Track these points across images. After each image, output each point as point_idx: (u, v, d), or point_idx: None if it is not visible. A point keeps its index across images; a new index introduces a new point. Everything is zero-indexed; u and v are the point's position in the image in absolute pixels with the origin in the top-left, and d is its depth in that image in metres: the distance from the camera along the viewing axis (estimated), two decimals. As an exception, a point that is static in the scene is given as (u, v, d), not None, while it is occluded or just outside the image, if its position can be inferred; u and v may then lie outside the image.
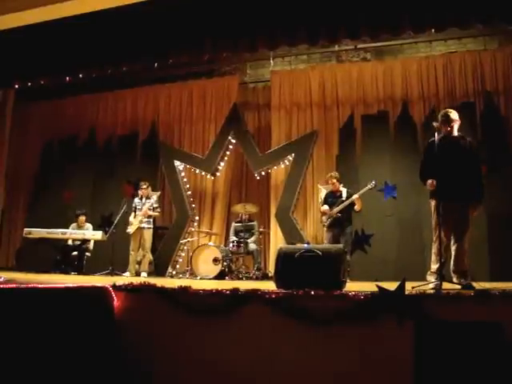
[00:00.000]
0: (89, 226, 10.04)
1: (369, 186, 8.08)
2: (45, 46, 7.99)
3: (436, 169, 5.08)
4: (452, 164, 5.07)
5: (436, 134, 5.10)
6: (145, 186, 9.48)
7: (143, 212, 9.22)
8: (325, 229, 8.35)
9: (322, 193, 8.80)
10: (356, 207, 8.05)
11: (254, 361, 4.12)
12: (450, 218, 5.13)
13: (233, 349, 4.21)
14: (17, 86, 9.46)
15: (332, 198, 8.30)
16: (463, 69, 9.62)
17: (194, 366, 4.31)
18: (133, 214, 9.38)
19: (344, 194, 8.21)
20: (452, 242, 5.22)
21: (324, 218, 8.29)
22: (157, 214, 9.52)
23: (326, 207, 8.26)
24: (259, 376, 4.07)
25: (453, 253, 5.19)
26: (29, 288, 4.01)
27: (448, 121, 5.35)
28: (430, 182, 5.27)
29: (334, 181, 8.35)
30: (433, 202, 5.33)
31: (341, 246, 5.09)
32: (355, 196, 8.01)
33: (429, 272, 5.29)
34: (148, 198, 9.44)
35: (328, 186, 8.59)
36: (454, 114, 5.40)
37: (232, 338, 4.24)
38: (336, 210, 8.08)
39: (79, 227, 9.96)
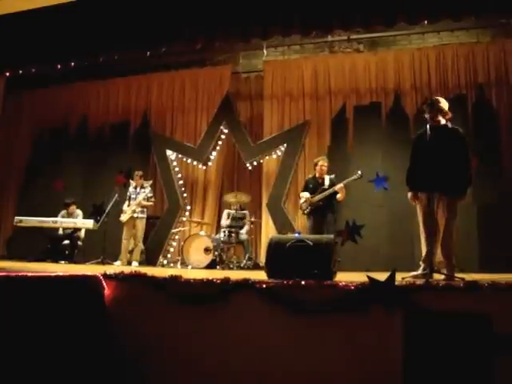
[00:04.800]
0: (79, 212, 10.01)
1: (354, 177, 7.82)
2: (36, 34, 7.95)
3: (423, 160, 5.08)
4: (438, 154, 5.03)
5: (428, 126, 5.10)
6: (139, 176, 9.48)
7: (137, 202, 9.21)
8: (305, 216, 8.18)
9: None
10: (339, 196, 7.75)
11: (245, 350, 4.13)
12: (436, 207, 5.15)
13: (223, 338, 4.22)
14: (8, 74, 9.40)
15: (313, 185, 8.04)
16: (455, 61, 9.67)
17: (183, 356, 4.32)
18: (126, 202, 9.37)
19: (326, 182, 7.94)
20: (439, 233, 5.24)
21: (304, 204, 7.98)
22: (151, 203, 9.51)
23: (306, 194, 7.99)
24: (249, 365, 4.08)
25: (440, 242, 5.21)
26: (19, 276, 4.00)
27: (433, 108, 5.29)
28: (410, 195, 5.50)
29: (325, 163, 8.10)
30: (419, 193, 5.37)
31: (331, 236, 5.08)
32: (339, 185, 7.73)
33: (421, 262, 5.33)
34: (142, 187, 9.43)
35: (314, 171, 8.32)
36: (437, 102, 5.38)
37: (222, 327, 4.25)
38: (317, 197, 7.83)
39: (69, 215, 9.93)
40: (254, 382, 4.06)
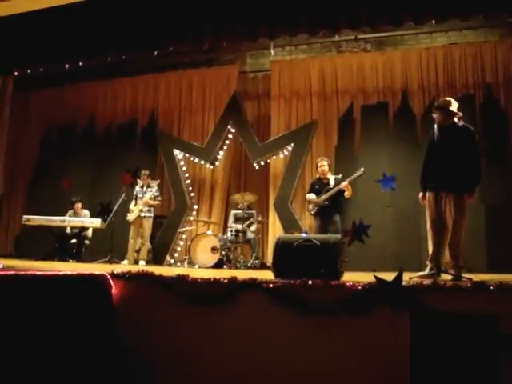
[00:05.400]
0: (86, 212, 10.06)
1: (357, 173, 7.86)
2: (45, 33, 7.98)
3: (433, 157, 5.09)
4: (448, 153, 5.02)
5: (435, 126, 5.10)
6: (146, 175, 9.51)
7: (144, 201, 9.24)
8: (312, 217, 8.21)
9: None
10: (346, 194, 7.77)
11: (251, 349, 4.14)
12: (444, 209, 5.14)
13: (230, 337, 4.23)
14: (16, 74, 9.43)
15: (319, 186, 8.05)
16: (463, 60, 9.63)
17: (191, 354, 4.33)
18: (133, 201, 9.40)
19: (332, 182, 7.94)
20: (447, 233, 5.22)
21: (310, 206, 8.03)
22: (158, 203, 9.53)
23: (312, 195, 8.01)
24: (256, 365, 4.09)
25: (447, 242, 5.19)
26: (27, 275, 4.02)
27: (438, 110, 5.27)
28: (421, 196, 5.46)
29: (325, 163, 8.09)
30: (428, 192, 5.35)
31: (339, 236, 5.08)
32: (344, 183, 7.74)
33: (428, 262, 5.31)
34: (149, 186, 9.46)
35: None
36: (450, 102, 5.35)
37: (229, 327, 4.25)
38: (323, 197, 7.84)
39: (76, 214, 9.98)
40: (260, 382, 4.07)
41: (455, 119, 5.26)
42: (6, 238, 12.08)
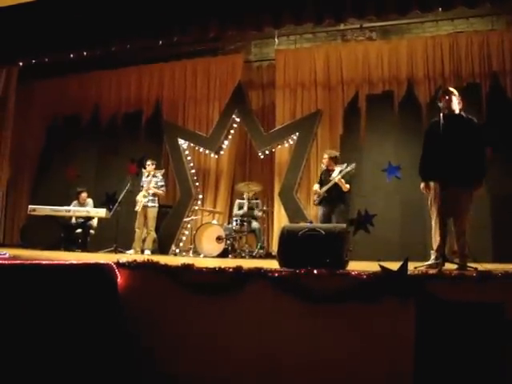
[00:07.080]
0: (89, 201, 10.08)
1: (348, 169, 7.92)
2: (49, 23, 7.94)
3: (437, 149, 5.01)
4: (453, 144, 4.99)
5: (441, 115, 5.05)
6: (150, 164, 9.50)
7: (146, 188, 9.26)
8: (317, 207, 8.34)
9: (324, 172, 8.75)
10: (343, 188, 7.89)
11: (256, 339, 4.15)
12: (450, 199, 5.10)
13: (235, 326, 4.24)
14: (21, 64, 9.41)
15: (324, 176, 8.20)
16: (470, 49, 9.55)
17: (196, 344, 4.34)
18: (140, 192, 9.40)
19: (334, 174, 8.03)
20: (453, 223, 5.22)
21: (315, 196, 8.22)
22: (162, 192, 9.54)
23: (316, 186, 8.22)
24: (261, 354, 4.10)
25: (454, 234, 5.19)
26: (33, 264, 4.03)
27: (446, 95, 5.28)
28: (422, 186, 5.46)
29: (325, 156, 8.26)
30: (432, 182, 5.32)
31: (344, 225, 5.07)
32: (337, 178, 7.88)
33: (432, 251, 5.31)
34: (154, 176, 9.47)
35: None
36: (452, 90, 5.35)
37: (234, 316, 4.26)
38: (323, 189, 7.99)
39: (80, 204, 10.00)
40: (264, 371, 4.08)
41: (457, 110, 5.27)
42: (12, 228, 12.12)
